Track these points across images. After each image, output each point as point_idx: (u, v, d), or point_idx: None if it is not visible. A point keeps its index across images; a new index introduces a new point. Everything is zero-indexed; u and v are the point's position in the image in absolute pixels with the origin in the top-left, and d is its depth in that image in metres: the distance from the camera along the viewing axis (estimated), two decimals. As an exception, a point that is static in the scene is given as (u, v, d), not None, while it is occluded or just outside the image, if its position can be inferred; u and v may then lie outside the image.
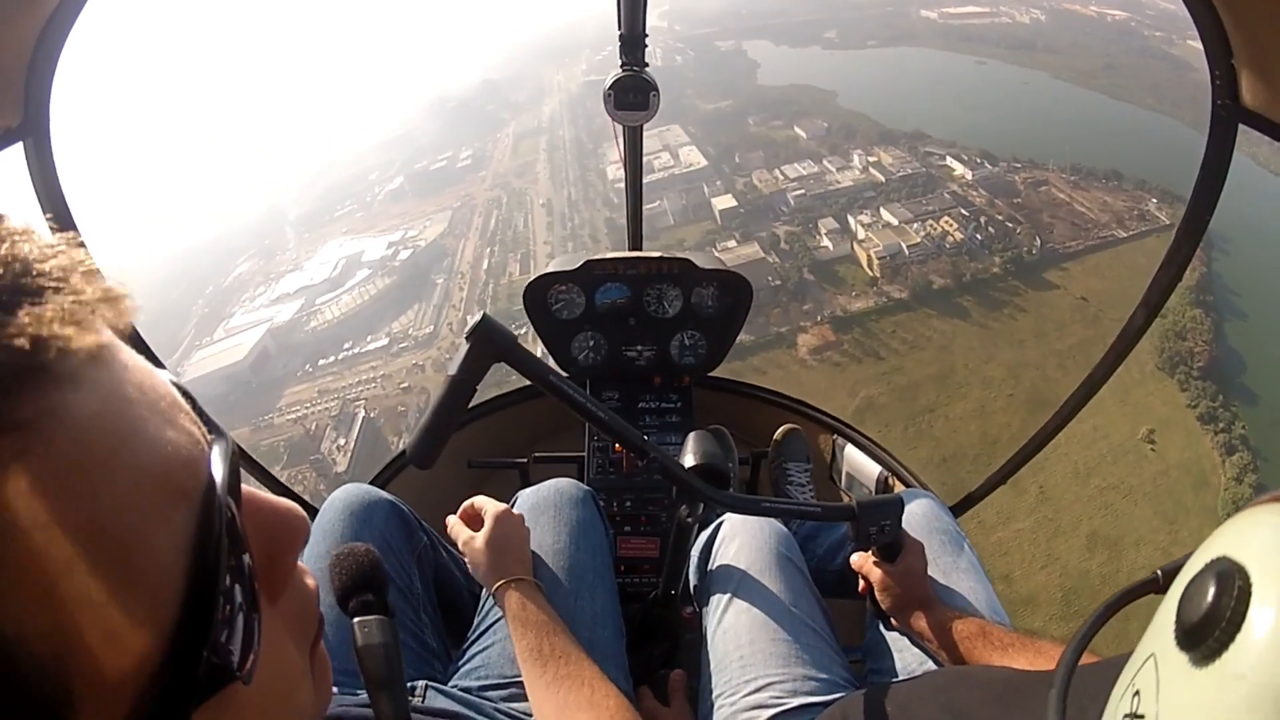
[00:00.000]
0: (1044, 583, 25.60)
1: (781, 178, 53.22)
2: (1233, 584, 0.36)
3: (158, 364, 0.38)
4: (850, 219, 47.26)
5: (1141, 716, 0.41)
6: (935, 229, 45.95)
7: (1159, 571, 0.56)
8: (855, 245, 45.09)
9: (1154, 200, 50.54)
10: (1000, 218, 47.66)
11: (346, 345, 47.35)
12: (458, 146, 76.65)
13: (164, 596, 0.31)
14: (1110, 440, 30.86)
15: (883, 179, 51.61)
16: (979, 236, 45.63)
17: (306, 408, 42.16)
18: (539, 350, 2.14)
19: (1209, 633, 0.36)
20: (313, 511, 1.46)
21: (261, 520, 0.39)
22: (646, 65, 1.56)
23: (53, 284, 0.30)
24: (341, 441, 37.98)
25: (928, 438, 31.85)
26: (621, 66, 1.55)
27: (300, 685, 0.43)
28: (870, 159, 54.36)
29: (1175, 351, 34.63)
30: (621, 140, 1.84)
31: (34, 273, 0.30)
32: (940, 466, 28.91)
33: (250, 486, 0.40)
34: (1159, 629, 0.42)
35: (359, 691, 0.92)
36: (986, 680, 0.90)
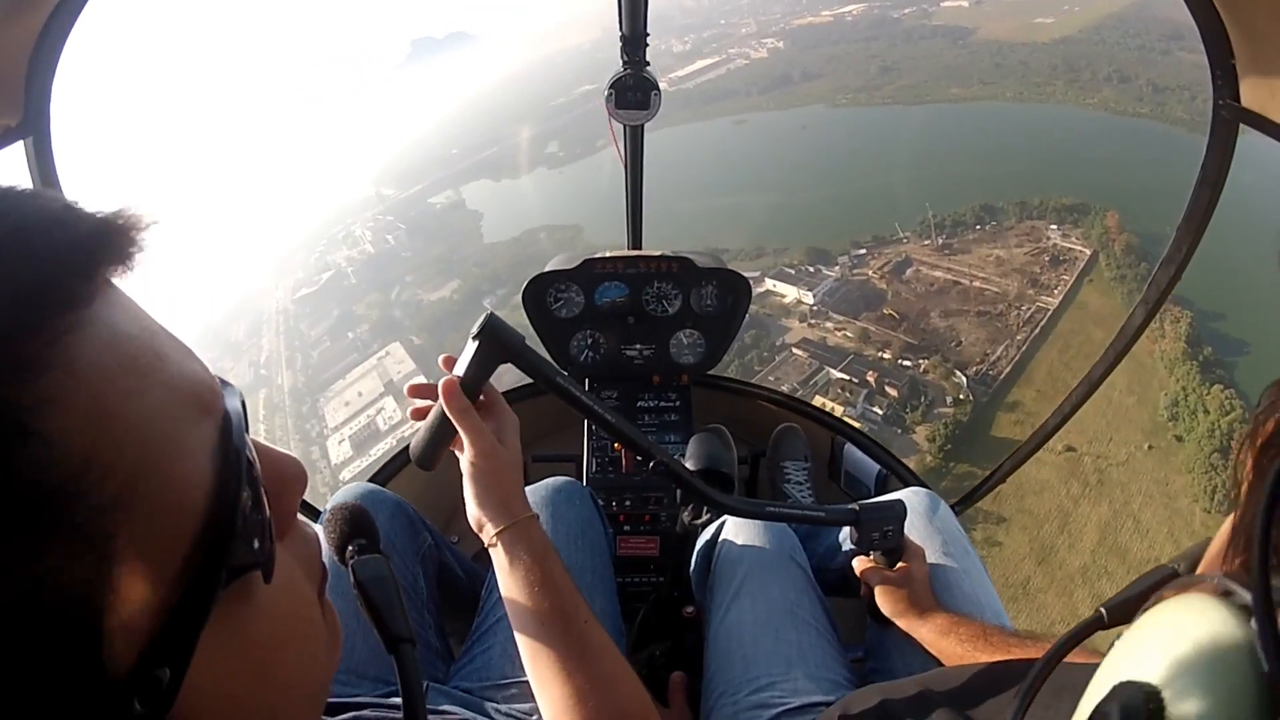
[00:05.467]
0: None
1: (549, 406, 32.72)
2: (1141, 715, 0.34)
3: None
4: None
5: None
6: (808, 432, 26.94)
7: (1103, 610, 0.57)
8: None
9: (1053, 228, 35.81)
10: (887, 358, 30.24)
11: None
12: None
13: (197, 490, 0.35)
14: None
15: (693, 355, 32.56)
16: (879, 411, 27.55)
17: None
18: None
19: None
20: (315, 513, 1.55)
21: (264, 464, 0.43)
22: (648, 64, 1.58)
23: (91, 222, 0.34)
24: None
25: None
26: (623, 65, 1.58)
27: (314, 613, 0.46)
28: (663, 322, 35.42)
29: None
30: (621, 141, 1.86)
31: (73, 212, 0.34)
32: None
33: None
34: None
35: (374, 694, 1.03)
36: (988, 675, 0.90)
